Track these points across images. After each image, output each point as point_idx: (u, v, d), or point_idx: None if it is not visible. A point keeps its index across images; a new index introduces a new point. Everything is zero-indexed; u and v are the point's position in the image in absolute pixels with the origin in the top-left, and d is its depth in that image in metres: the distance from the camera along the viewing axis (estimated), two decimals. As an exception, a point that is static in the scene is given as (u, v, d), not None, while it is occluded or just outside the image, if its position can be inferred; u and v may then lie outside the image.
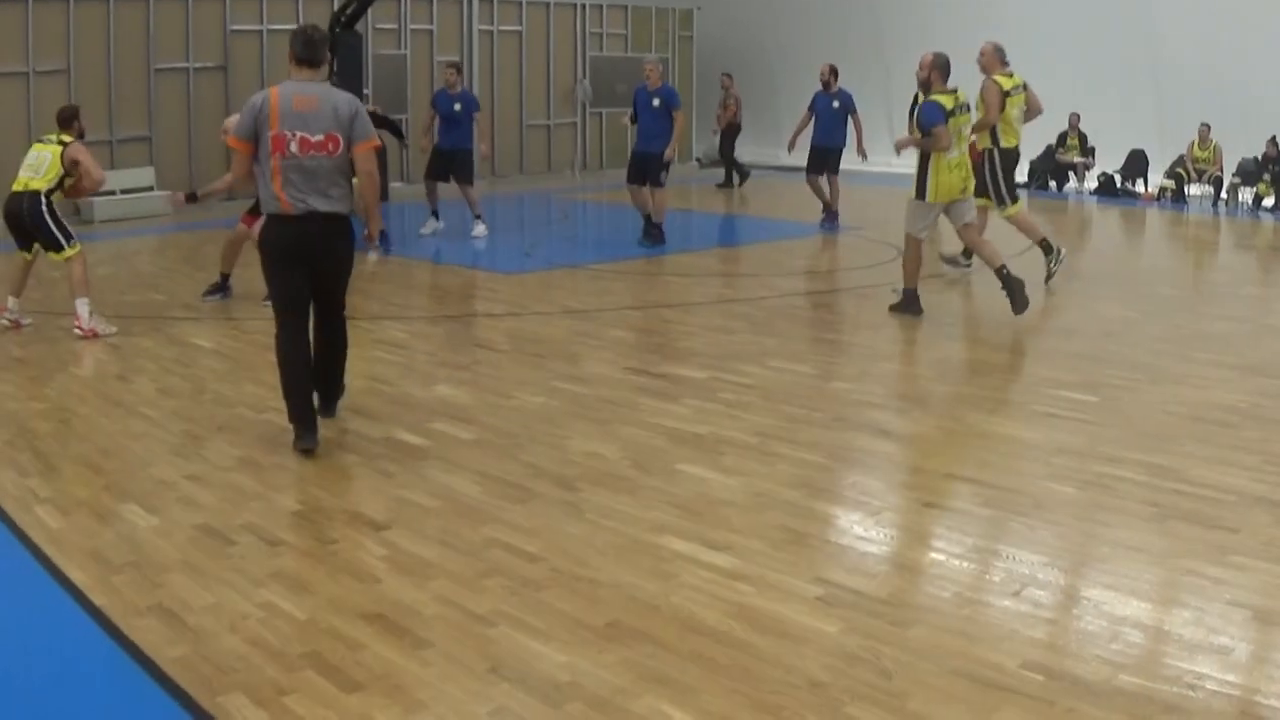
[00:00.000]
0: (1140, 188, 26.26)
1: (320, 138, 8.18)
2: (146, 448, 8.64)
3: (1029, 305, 12.66)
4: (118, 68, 23.76)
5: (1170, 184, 25.05)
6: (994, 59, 15.28)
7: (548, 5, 31.04)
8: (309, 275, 8.49)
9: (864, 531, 6.75)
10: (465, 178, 18.87)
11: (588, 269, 16.37)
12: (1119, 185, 26.34)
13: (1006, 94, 14.77)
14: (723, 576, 6.10)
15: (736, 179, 27.94)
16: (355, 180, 8.54)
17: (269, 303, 9.17)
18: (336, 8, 24.65)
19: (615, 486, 7.51)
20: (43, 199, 12.60)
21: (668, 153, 17.63)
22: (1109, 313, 13.25)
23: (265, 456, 8.32)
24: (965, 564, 6.25)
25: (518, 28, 30.61)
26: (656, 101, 17.77)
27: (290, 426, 8.50)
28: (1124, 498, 7.17)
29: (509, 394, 9.89)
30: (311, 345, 8.77)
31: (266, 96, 8.35)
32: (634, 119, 18.20)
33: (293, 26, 24.36)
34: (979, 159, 14.81)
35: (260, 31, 25.81)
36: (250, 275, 14.15)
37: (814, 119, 20.60)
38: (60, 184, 12.80)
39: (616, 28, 32.66)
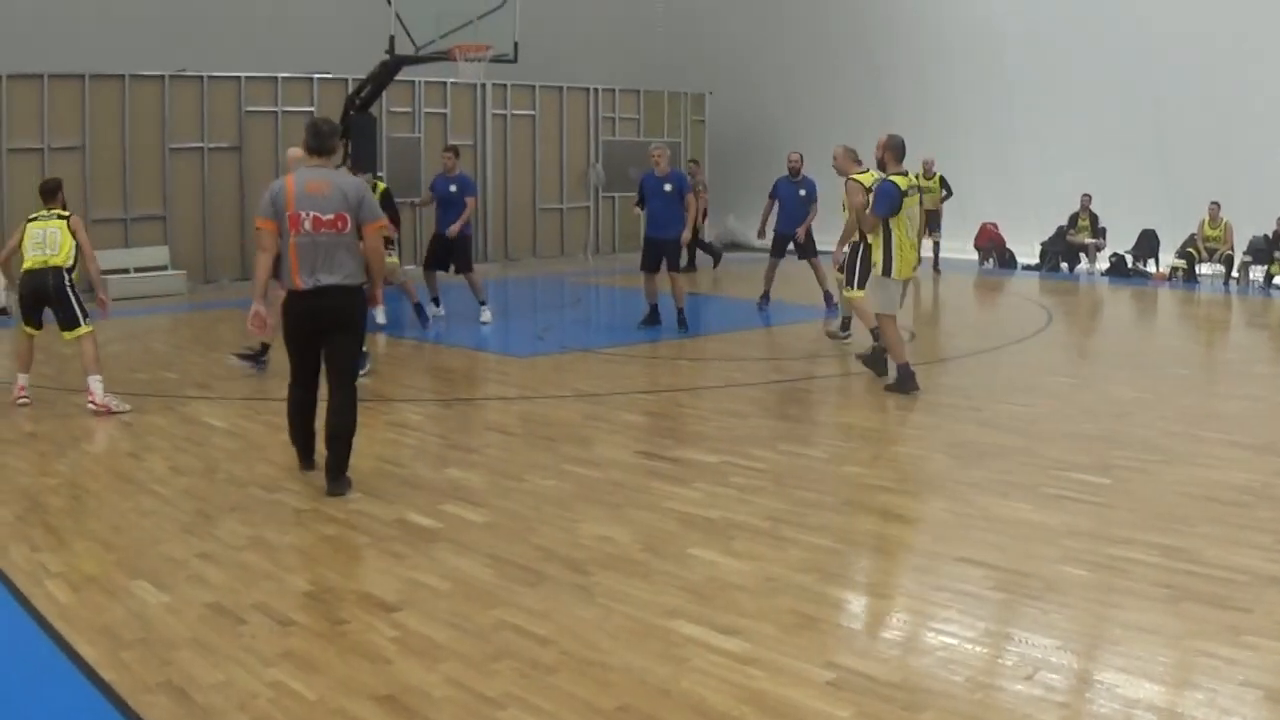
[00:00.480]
0: (1151, 268, 26.31)
1: (330, 216, 9.11)
2: (158, 525, 8.67)
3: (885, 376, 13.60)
4: (133, 146, 24.01)
5: (1181, 263, 25.12)
6: (847, 159, 15.84)
7: (561, 90, 31.25)
8: (319, 345, 9.39)
9: (875, 616, 6.75)
10: (464, 265, 18.89)
11: (600, 353, 16.40)
12: (1130, 265, 26.40)
13: (869, 190, 14.52)
14: (734, 661, 6.08)
15: (711, 261, 28.32)
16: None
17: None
18: (351, 90, 24.81)
19: (626, 570, 7.50)
20: (65, 275, 12.93)
21: (685, 235, 17.72)
22: (1121, 394, 13.24)
23: (277, 536, 8.34)
24: (977, 648, 6.22)
25: (531, 112, 30.83)
26: (668, 187, 17.75)
27: (299, 469, 9.96)
28: (1137, 579, 7.14)
29: (520, 477, 9.89)
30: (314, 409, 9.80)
31: (283, 183, 9.30)
32: (641, 205, 18.21)
33: (308, 108, 24.88)
34: (851, 247, 15.43)
35: (275, 113, 26.05)
36: (272, 354, 14.23)
37: (777, 204, 20.56)
38: (75, 259, 13.09)
39: (629, 112, 32.87)
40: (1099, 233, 26.87)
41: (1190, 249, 25.12)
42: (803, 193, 20.29)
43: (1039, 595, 6.92)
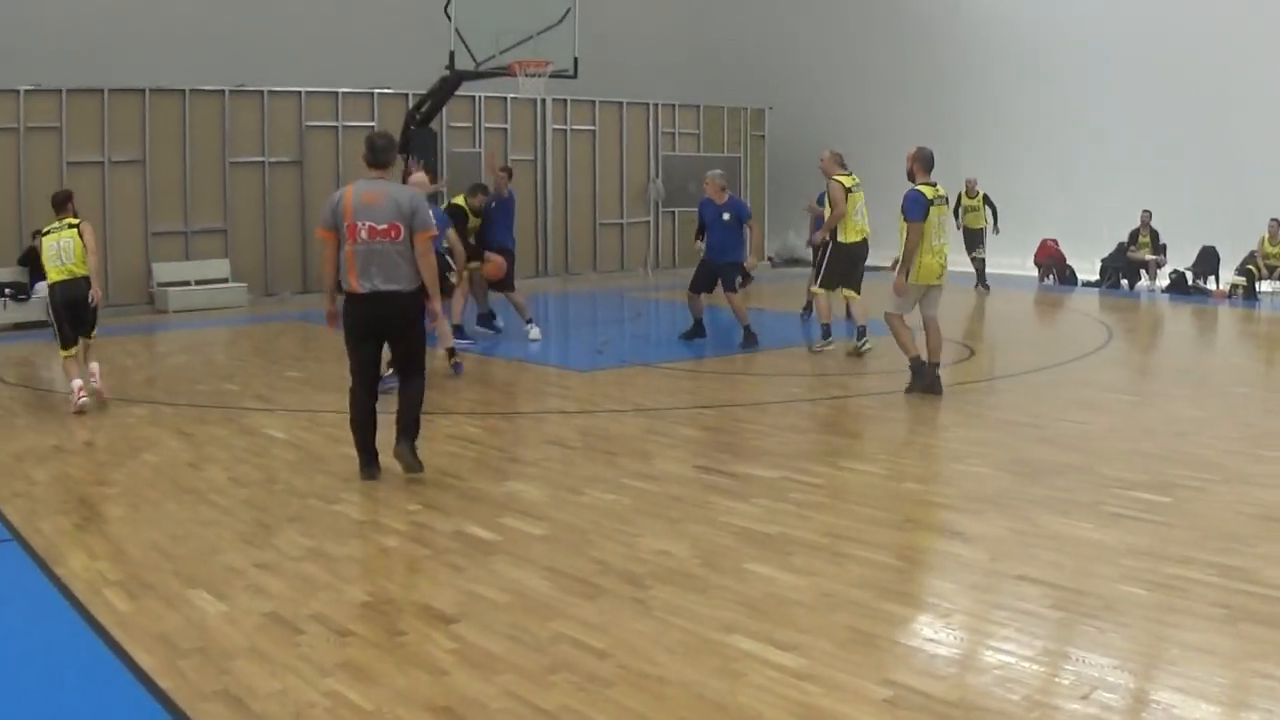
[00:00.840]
0: (1211, 285, 26.15)
1: (384, 226, 9.79)
2: (217, 535, 8.76)
3: (940, 392, 13.91)
4: (193, 160, 24.23)
5: (1241, 281, 24.95)
6: (832, 163, 17.61)
7: (621, 105, 31.32)
8: (378, 347, 10.26)
9: (933, 633, 6.72)
10: (506, 285, 18.72)
11: (659, 367, 16.42)
12: (1190, 282, 26.24)
13: (848, 190, 17.19)
14: (790, 676, 6.09)
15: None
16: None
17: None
18: (412, 105, 24.94)
19: (684, 584, 7.52)
20: (88, 282, 13.72)
21: (749, 262, 17.99)
22: (1181, 412, 13.18)
23: (336, 547, 8.40)
24: (1034, 666, 6.21)
25: (591, 127, 30.92)
26: (727, 215, 17.85)
27: (359, 476, 10.34)
28: (1195, 599, 7.11)
29: (580, 490, 9.93)
30: (374, 401, 10.39)
31: (343, 194, 10.04)
32: (700, 235, 18.33)
33: (368, 123, 25.07)
34: (821, 247, 17.47)
35: (335, 127, 26.25)
36: (331, 367, 14.31)
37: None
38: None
39: (689, 127, 32.93)
40: (1159, 249, 26.73)
41: (1250, 266, 24.96)
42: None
43: (1097, 614, 6.90)
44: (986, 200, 26.68)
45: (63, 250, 13.61)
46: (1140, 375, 16.84)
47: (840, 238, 17.44)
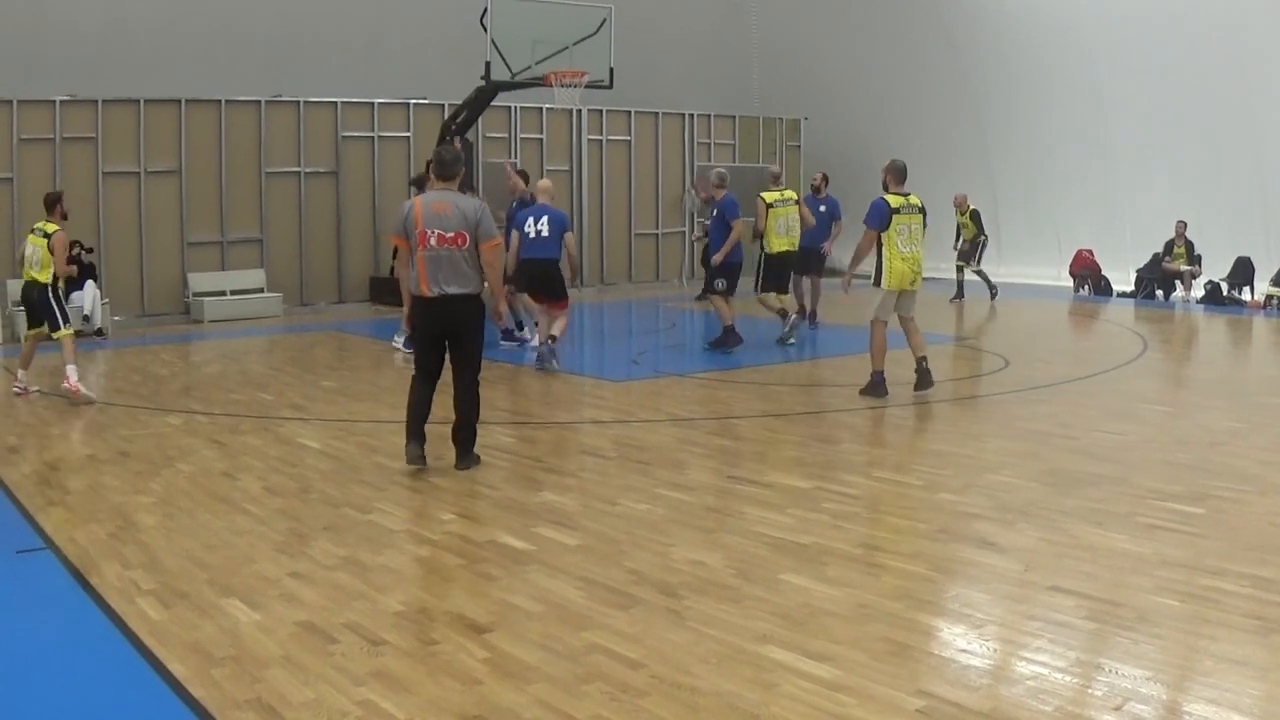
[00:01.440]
0: (1246, 295, 26.06)
1: (451, 234, 10.59)
2: (251, 544, 8.81)
3: (931, 386, 14.66)
4: (229, 170, 24.33)
5: (1277, 291, 24.86)
6: (766, 180, 19.97)
7: (656, 115, 31.35)
8: (443, 348, 10.99)
9: (966, 644, 6.72)
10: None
11: (694, 377, 16.44)
12: (1225, 293, 26.15)
13: (770, 206, 19.26)
14: (823, 687, 6.10)
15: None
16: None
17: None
18: (447, 116, 25.03)
19: (718, 595, 7.53)
20: (48, 289, 14.63)
21: (716, 258, 18.43)
22: (1216, 423, 13.13)
23: (370, 557, 8.43)
24: (1068, 678, 6.20)
25: (626, 137, 30.95)
26: (714, 212, 18.68)
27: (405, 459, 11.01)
28: (1229, 611, 7.09)
29: (614, 500, 9.95)
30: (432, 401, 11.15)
31: (413, 204, 10.92)
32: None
33: (404, 133, 25.17)
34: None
35: (371, 138, 26.33)
36: (366, 377, 14.38)
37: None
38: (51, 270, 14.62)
39: (725, 137, 32.96)
40: (1194, 260, 26.64)
41: (1285, 276, 24.90)
42: (823, 209, 21.77)
43: (1130, 625, 6.89)
44: (975, 217, 26.58)
45: (31, 258, 14.69)
46: (1175, 386, 16.79)
47: (768, 249, 19.35)
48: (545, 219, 17.32)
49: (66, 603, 7.61)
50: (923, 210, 14.80)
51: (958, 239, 26.88)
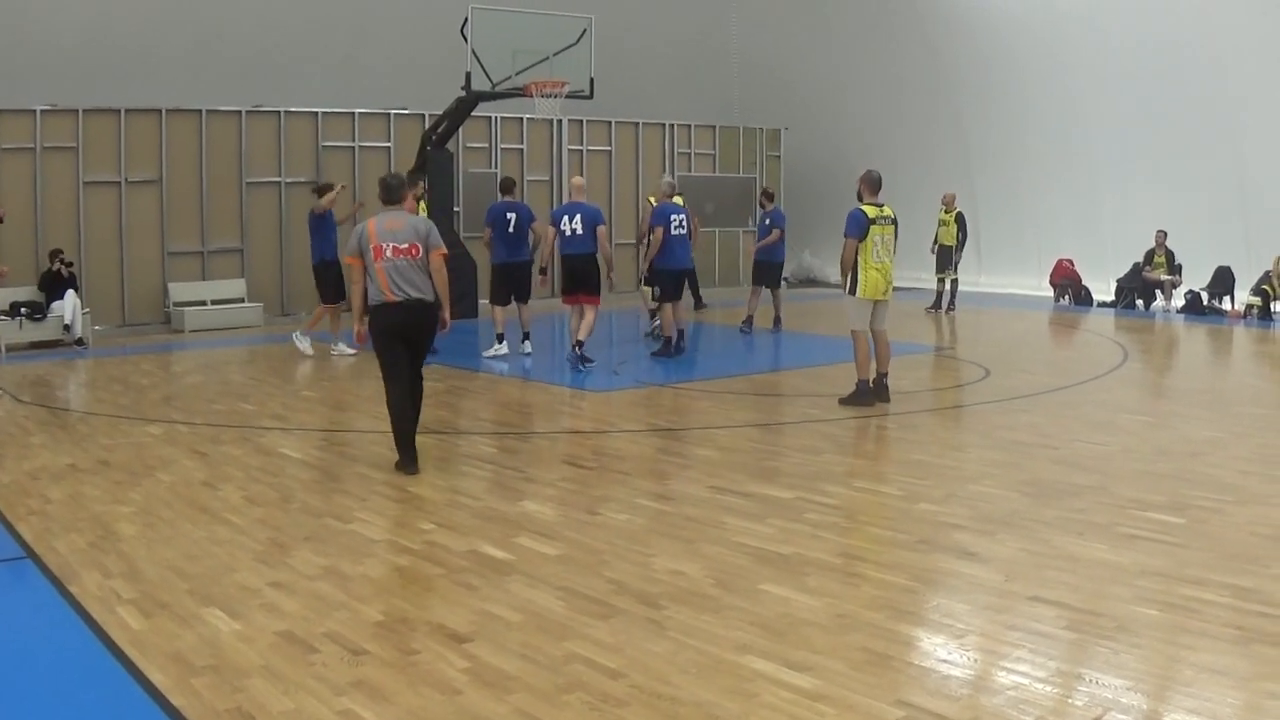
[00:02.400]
0: (1227, 305, 26.12)
1: (406, 245, 11.40)
2: (231, 554, 8.79)
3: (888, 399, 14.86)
4: (210, 180, 24.31)
5: (1257, 301, 24.92)
6: (661, 191, 20.24)
7: (636, 125, 31.38)
8: (406, 345, 11.51)
9: (947, 654, 6.73)
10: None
11: (674, 387, 16.45)
12: (1205, 303, 26.20)
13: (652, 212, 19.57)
14: (804, 697, 6.09)
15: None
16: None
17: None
18: (428, 126, 25.03)
19: (698, 605, 7.52)
20: None
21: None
22: (1196, 432, 13.17)
23: (350, 566, 8.42)
24: (1048, 688, 6.21)
25: (607, 147, 30.98)
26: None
27: (397, 466, 11.50)
28: (1208, 620, 7.11)
29: (594, 510, 9.95)
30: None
31: (365, 226, 11.62)
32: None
33: (384, 144, 25.18)
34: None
35: (352, 148, 26.34)
36: (347, 387, 14.36)
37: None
38: None
39: (705, 147, 32.99)
40: (1175, 270, 26.70)
41: (1266, 286, 24.93)
42: (768, 222, 22.30)
43: (1111, 635, 6.90)
44: (959, 220, 26.55)
45: None
46: (1155, 396, 16.83)
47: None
48: (579, 216, 17.77)
49: (47, 612, 7.59)
50: (895, 221, 14.84)
51: (934, 242, 26.82)
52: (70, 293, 21.19)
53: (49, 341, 20.76)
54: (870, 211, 14.48)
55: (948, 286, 26.69)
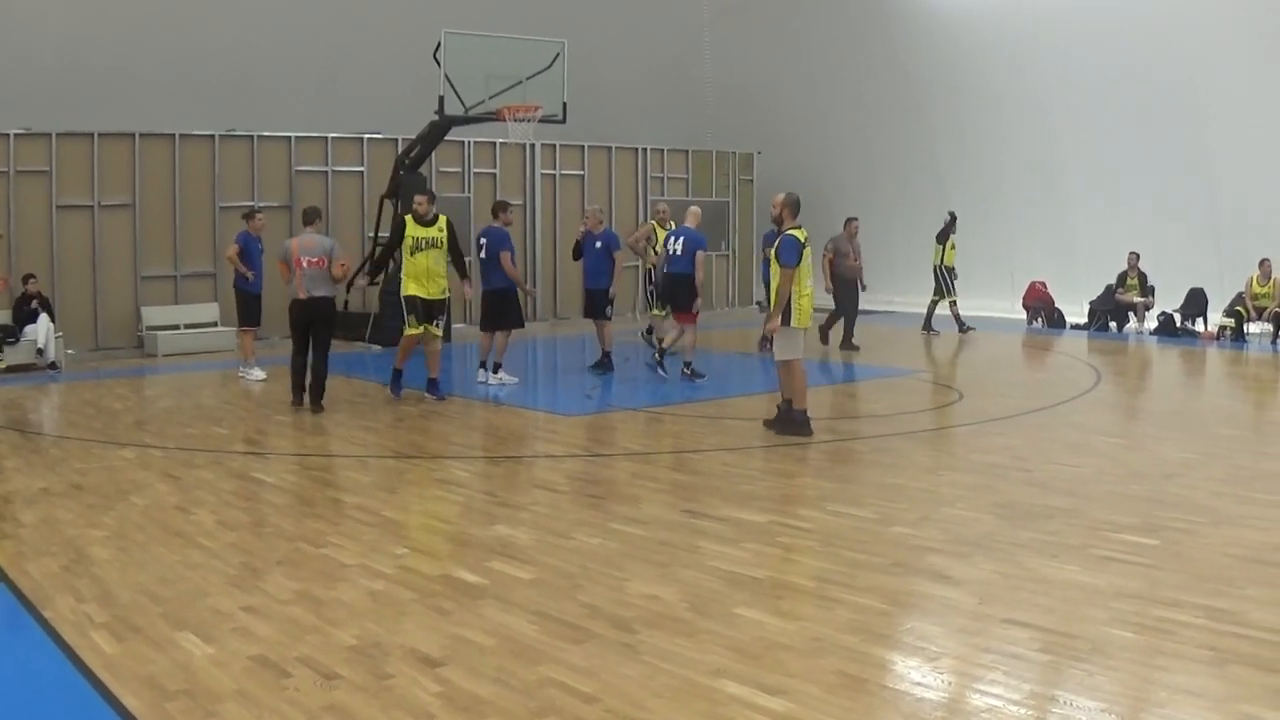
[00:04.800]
0: (1200, 326, 26.19)
1: (317, 259, 16.31)
2: (204, 578, 8.76)
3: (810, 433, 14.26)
4: (183, 204, 24.31)
5: (1230, 322, 24.99)
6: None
7: (610, 149, 31.43)
8: (308, 329, 16.51)
9: (921, 677, 6.72)
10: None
11: (647, 411, 16.43)
12: (1179, 324, 26.27)
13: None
14: (778, 721, 6.09)
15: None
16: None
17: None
18: (401, 150, 25.04)
19: (672, 629, 7.51)
20: None
21: (612, 289, 19.81)
22: (1169, 454, 13.21)
23: (323, 591, 8.39)
24: (1023, 710, 6.20)
25: (580, 172, 31.03)
26: (599, 244, 19.83)
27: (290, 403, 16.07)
28: (1183, 642, 7.12)
29: (567, 534, 9.93)
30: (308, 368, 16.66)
31: (290, 244, 16.73)
32: (576, 256, 20.48)
33: (358, 168, 25.20)
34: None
35: (325, 172, 26.32)
36: (315, 415, 14.32)
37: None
38: None
39: (678, 171, 33.05)
40: (1149, 291, 26.77)
41: (1239, 307, 25.00)
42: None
43: (1085, 657, 6.90)
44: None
45: None
46: (1129, 418, 16.86)
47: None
48: (682, 240, 19.01)
49: (20, 636, 7.57)
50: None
51: (940, 264, 26.68)
52: (43, 316, 21.13)
53: (22, 365, 20.68)
54: (800, 235, 14.10)
55: (939, 311, 26.68)
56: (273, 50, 26.59)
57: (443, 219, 17.71)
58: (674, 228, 20.03)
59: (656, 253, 21.01)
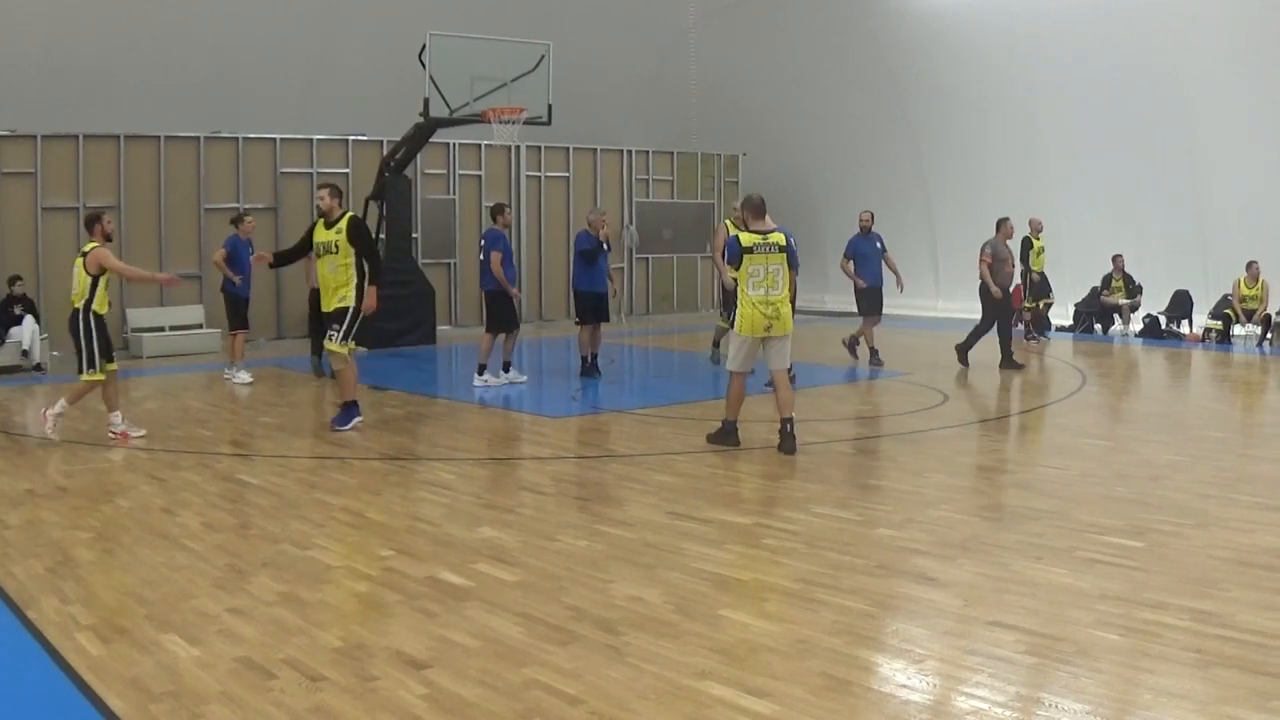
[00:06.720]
0: (1185, 328, 26.23)
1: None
2: (190, 580, 8.73)
3: (793, 451, 13.50)
4: (168, 206, 24.29)
5: (1216, 324, 25.04)
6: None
7: (595, 151, 31.45)
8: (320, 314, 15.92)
9: (906, 679, 6.71)
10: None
11: (633, 413, 16.42)
12: (1164, 326, 26.31)
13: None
14: (763, 723, 6.08)
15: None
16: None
17: None
18: (386, 152, 25.02)
19: (657, 631, 7.50)
20: (79, 314, 13.86)
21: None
22: (1155, 456, 13.21)
23: (308, 592, 8.38)
24: (1008, 713, 6.19)
25: (565, 174, 31.05)
26: (607, 247, 20.26)
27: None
28: (1168, 644, 7.11)
29: (553, 536, 9.91)
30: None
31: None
32: (592, 261, 20.01)
33: (343, 170, 25.13)
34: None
35: (310, 174, 26.31)
36: (305, 413, 14.30)
37: (854, 261, 21.24)
38: (93, 294, 13.88)
39: (663, 173, 33.07)
40: (1135, 292, 26.80)
41: (1227, 310, 25.03)
42: (879, 245, 21.43)
43: (1070, 659, 6.90)
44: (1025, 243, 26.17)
45: (73, 279, 14.15)
46: (1114, 420, 16.86)
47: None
48: None
49: (4, 638, 7.53)
50: (786, 249, 13.64)
51: (1026, 270, 26.13)
52: (29, 318, 21.12)
53: (7, 367, 20.66)
54: (746, 239, 13.48)
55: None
56: (258, 52, 26.58)
57: (346, 219, 15.22)
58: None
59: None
